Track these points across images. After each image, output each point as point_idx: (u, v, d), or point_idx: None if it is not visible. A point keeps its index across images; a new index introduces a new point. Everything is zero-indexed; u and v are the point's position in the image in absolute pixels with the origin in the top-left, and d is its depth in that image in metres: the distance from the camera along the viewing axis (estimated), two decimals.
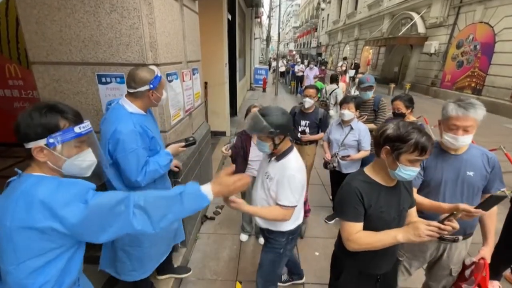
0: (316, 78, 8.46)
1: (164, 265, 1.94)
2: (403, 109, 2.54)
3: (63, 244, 0.89)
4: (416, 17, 13.43)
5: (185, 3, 2.34)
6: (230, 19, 5.88)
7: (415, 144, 1.05)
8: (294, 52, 36.78)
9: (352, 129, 2.70)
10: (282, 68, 16.80)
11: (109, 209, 0.88)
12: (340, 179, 2.44)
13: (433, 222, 1.08)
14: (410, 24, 13.80)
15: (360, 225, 1.19)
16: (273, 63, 20.18)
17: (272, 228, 1.59)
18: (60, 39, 1.74)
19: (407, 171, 1.10)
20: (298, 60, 18.87)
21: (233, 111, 7.15)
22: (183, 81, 2.35)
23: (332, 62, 26.01)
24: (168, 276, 2.13)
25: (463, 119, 1.33)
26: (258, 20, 16.32)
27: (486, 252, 1.50)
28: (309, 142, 3.11)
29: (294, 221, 1.59)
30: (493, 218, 1.52)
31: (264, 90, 13.33)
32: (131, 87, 1.46)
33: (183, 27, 2.34)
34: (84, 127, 0.95)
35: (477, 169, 1.43)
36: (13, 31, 3.47)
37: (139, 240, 1.63)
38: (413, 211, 1.34)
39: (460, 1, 11.05)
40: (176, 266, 2.22)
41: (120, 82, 1.82)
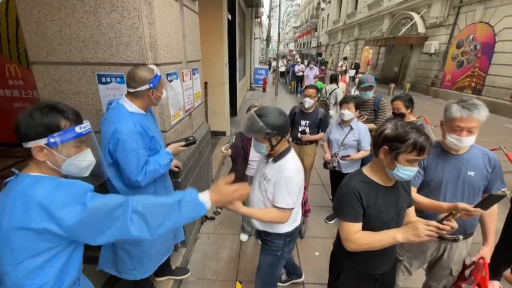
0: (316, 78, 8.46)
1: (162, 267, 1.93)
2: (403, 109, 2.54)
3: (59, 243, 0.88)
4: (416, 17, 13.42)
5: (185, 3, 2.34)
6: (230, 19, 5.88)
7: (414, 144, 1.05)
8: (294, 52, 36.80)
9: (352, 129, 2.70)
10: (282, 68, 16.80)
11: (107, 212, 0.88)
12: (340, 179, 2.40)
13: (432, 222, 1.08)
14: (410, 24, 13.79)
15: (359, 225, 1.19)
16: (273, 63, 20.18)
17: (269, 230, 1.57)
18: (60, 39, 1.74)
19: (406, 171, 1.10)
20: (298, 60, 18.86)
21: (233, 111, 7.15)
22: (183, 81, 2.35)
23: (332, 62, 26.01)
24: (167, 278, 2.12)
25: (467, 120, 1.32)
26: (258, 20, 16.31)
27: (486, 251, 1.50)
28: (309, 142, 3.12)
29: (292, 223, 1.56)
30: (493, 217, 1.52)
31: (264, 90, 13.32)
32: (131, 86, 1.46)
33: (183, 27, 2.34)
34: (85, 127, 0.96)
35: (478, 169, 1.42)
36: (13, 31, 3.48)
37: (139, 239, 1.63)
38: (411, 210, 1.34)
39: (460, 1, 11.05)
40: (175, 267, 2.22)
41: (120, 82, 1.82)
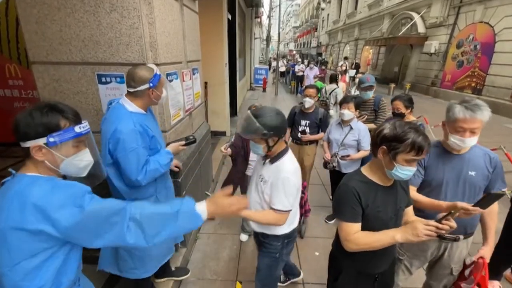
0: (316, 78, 8.47)
1: (163, 268, 1.93)
2: (403, 109, 2.54)
3: (55, 244, 0.88)
4: (416, 17, 13.42)
5: (185, 3, 2.34)
6: (230, 19, 5.87)
7: (412, 144, 1.05)
8: (294, 52, 36.81)
9: (351, 129, 2.70)
10: (282, 68, 16.80)
11: (105, 217, 0.87)
12: (340, 179, 2.41)
13: (431, 222, 1.08)
14: (410, 24, 13.79)
15: (358, 225, 1.19)
16: (273, 63, 20.18)
17: (267, 232, 1.55)
18: (60, 39, 1.74)
19: (404, 171, 1.10)
20: (298, 60, 18.87)
21: (233, 111, 7.15)
22: (183, 81, 2.35)
23: (332, 62, 26.00)
24: (166, 279, 2.12)
25: (471, 121, 1.31)
26: (258, 20, 16.32)
27: (486, 251, 1.50)
28: (309, 142, 3.11)
29: (290, 225, 1.54)
30: (493, 217, 1.52)
31: (264, 90, 13.32)
32: (131, 86, 1.46)
33: (183, 27, 2.34)
34: (84, 127, 0.96)
35: (479, 169, 1.42)
36: (13, 31, 3.48)
37: None
38: (409, 210, 1.34)
39: (460, 1, 11.04)
40: (175, 267, 2.22)
41: (120, 82, 1.82)
